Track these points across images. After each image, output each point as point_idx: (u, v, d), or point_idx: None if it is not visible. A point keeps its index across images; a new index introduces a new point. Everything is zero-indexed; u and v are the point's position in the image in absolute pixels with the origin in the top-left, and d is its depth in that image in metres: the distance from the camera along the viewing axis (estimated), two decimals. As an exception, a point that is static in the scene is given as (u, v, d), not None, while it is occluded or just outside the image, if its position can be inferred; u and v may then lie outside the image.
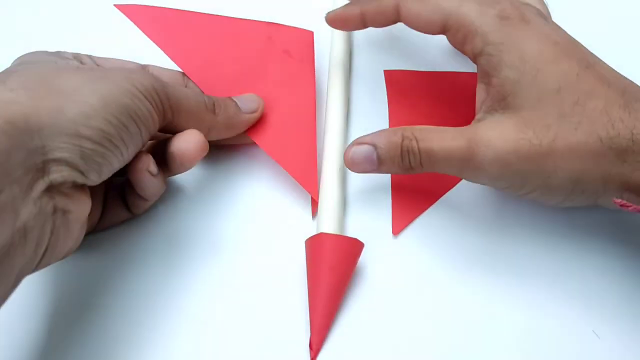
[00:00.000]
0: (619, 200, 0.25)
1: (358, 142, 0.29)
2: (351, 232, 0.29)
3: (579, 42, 0.29)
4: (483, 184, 0.28)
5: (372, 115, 0.34)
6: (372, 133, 0.29)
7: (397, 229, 0.30)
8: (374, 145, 0.29)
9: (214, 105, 0.29)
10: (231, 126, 0.30)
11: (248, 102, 0.31)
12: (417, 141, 0.28)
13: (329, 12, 0.33)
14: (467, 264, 0.29)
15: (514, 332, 0.27)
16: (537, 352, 0.27)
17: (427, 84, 0.35)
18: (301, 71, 0.33)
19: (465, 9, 0.28)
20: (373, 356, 0.26)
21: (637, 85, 0.27)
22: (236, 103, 0.30)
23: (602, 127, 0.25)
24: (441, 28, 0.29)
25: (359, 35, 0.38)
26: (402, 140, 0.28)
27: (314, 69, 0.33)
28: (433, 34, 0.29)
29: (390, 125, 0.34)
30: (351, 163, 0.29)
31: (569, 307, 0.28)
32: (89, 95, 0.23)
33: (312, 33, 0.35)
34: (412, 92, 0.35)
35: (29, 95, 0.22)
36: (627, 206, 0.24)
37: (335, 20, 0.32)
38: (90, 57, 0.29)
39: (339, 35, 0.36)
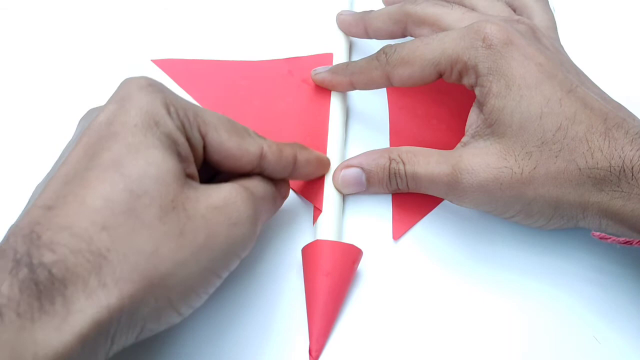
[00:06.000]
0: (598, 234, 0.25)
1: (346, 164, 0.30)
2: (351, 238, 0.30)
3: (565, 59, 0.28)
4: (467, 207, 0.29)
5: (372, 120, 0.34)
6: (360, 155, 0.30)
7: (397, 234, 0.30)
8: (362, 169, 0.30)
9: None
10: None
11: (284, 188, 0.28)
12: (403, 164, 0.29)
13: (315, 71, 0.34)
14: (468, 269, 0.29)
15: (515, 337, 0.27)
16: (537, 357, 0.27)
17: (428, 88, 0.34)
18: (317, 95, 0.34)
19: (450, 50, 0.28)
20: (373, 362, 0.27)
21: (619, 108, 0.27)
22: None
23: (581, 155, 0.25)
24: (437, 76, 0.29)
25: (359, 39, 0.38)
26: (390, 163, 0.29)
27: (329, 90, 0.34)
28: (431, 82, 0.30)
29: (390, 129, 0.34)
30: (340, 186, 0.30)
31: (569, 312, 0.28)
32: (191, 281, 0.21)
33: (331, 55, 0.35)
34: (412, 97, 0.35)
35: (127, 292, 0.19)
36: (606, 238, 0.25)
37: (323, 84, 0.33)
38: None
39: (338, 39, 0.36)
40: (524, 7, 0.32)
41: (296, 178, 0.29)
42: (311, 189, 0.31)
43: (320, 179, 0.31)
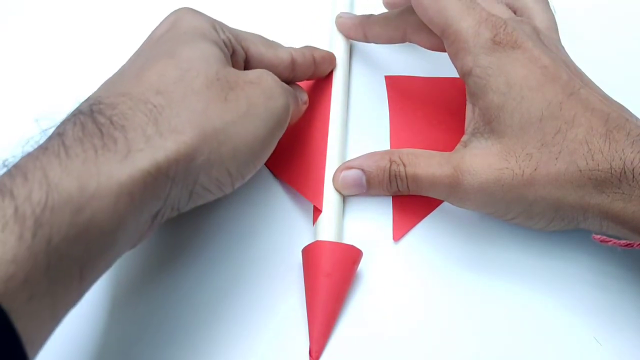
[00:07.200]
0: (599, 237, 0.25)
1: (347, 166, 0.30)
2: (351, 239, 0.30)
3: (568, 61, 0.28)
4: (468, 209, 0.29)
5: (372, 120, 0.34)
6: (361, 156, 0.30)
7: (398, 235, 0.30)
8: (362, 170, 0.30)
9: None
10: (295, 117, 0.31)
11: (303, 94, 0.32)
12: (404, 166, 0.29)
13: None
14: (468, 270, 0.29)
15: (515, 338, 0.27)
16: (538, 358, 0.27)
17: (428, 89, 0.35)
18: (317, 95, 0.34)
19: (464, 24, 0.28)
20: (374, 363, 0.27)
21: (622, 110, 0.26)
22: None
23: (581, 157, 0.25)
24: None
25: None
26: (390, 165, 0.29)
27: (330, 91, 0.34)
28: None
29: (391, 131, 0.34)
30: (341, 187, 0.30)
31: (569, 313, 0.28)
32: (238, 141, 0.24)
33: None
34: (413, 98, 0.35)
35: (182, 139, 0.22)
36: (607, 241, 0.24)
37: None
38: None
39: (338, 41, 0.36)
40: (524, 8, 0.32)
41: (313, 76, 0.33)
42: (311, 189, 0.31)
43: (320, 179, 0.31)
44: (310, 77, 0.33)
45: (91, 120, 0.21)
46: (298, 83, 0.32)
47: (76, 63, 0.37)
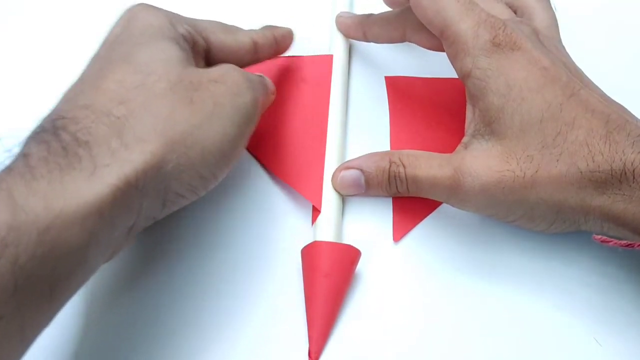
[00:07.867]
0: (599, 237, 0.25)
1: (346, 166, 0.30)
2: (351, 239, 0.30)
3: (568, 62, 0.28)
4: (468, 211, 0.29)
5: (373, 121, 0.34)
6: (360, 157, 0.30)
7: (398, 236, 0.30)
8: (362, 170, 0.30)
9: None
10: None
11: (269, 82, 0.31)
12: (404, 167, 0.29)
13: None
14: (468, 271, 0.29)
15: (515, 340, 0.27)
16: (538, 358, 0.27)
17: (428, 90, 0.35)
18: (316, 95, 0.34)
19: (463, 26, 0.27)
20: (373, 364, 0.27)
21: (622, 110, 0.26)
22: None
23: (582, 159, 0.25)
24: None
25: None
26: (390, 166, 0.29)
27: (328, 91, 0.34)
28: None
29: (391, 132, 0.34)
30: (339, 187, 0.30)
31: (570, 314, 0.28)
32: (207, 143, 0.24)
33: (331, 57, 0.35)
34: (413, 98, 0.35)
35: (148, 149, 0.22)
36: (607, 242, 0.24)
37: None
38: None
39: (337, 40, 0.36)
40: (524, 7, 0.31)
41: (275, 54, 0.32)
42: (310, 189, 0.31)
43: (319, 179, 0.31)
44: (272, 56, 0.32)
45: (55, 139, 0.21)
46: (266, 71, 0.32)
47: (36, 81, 0.35)
